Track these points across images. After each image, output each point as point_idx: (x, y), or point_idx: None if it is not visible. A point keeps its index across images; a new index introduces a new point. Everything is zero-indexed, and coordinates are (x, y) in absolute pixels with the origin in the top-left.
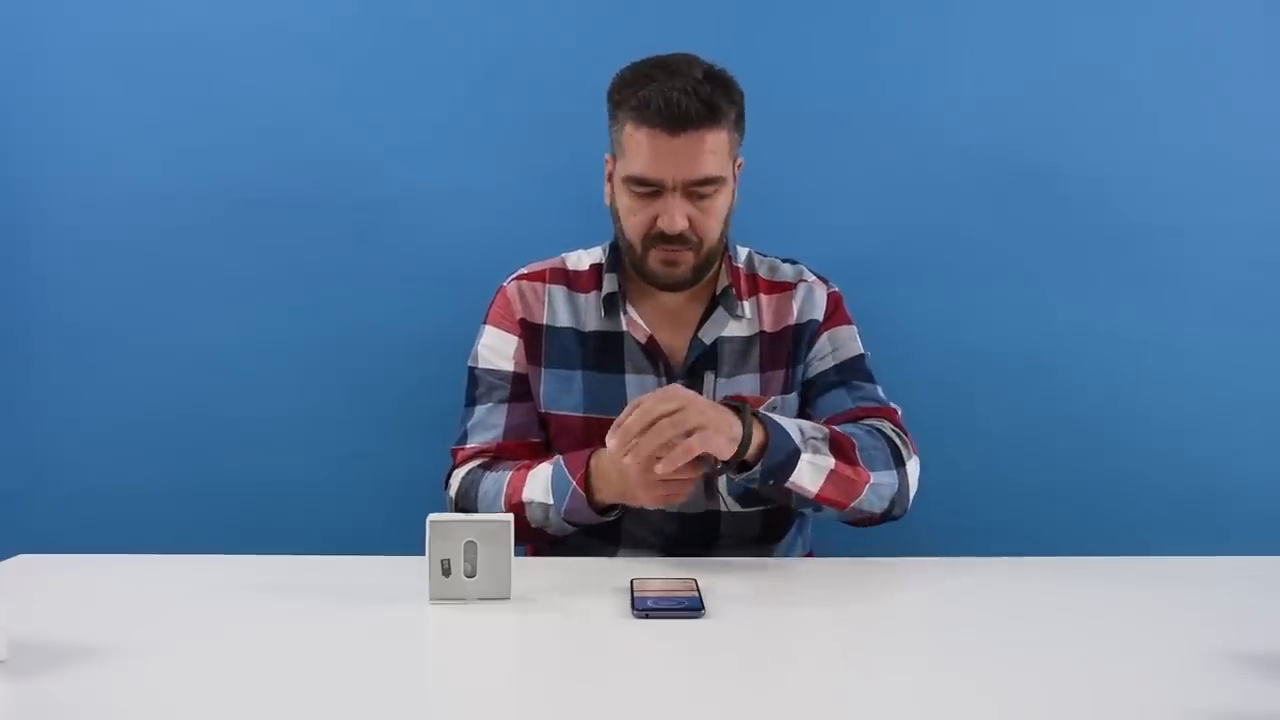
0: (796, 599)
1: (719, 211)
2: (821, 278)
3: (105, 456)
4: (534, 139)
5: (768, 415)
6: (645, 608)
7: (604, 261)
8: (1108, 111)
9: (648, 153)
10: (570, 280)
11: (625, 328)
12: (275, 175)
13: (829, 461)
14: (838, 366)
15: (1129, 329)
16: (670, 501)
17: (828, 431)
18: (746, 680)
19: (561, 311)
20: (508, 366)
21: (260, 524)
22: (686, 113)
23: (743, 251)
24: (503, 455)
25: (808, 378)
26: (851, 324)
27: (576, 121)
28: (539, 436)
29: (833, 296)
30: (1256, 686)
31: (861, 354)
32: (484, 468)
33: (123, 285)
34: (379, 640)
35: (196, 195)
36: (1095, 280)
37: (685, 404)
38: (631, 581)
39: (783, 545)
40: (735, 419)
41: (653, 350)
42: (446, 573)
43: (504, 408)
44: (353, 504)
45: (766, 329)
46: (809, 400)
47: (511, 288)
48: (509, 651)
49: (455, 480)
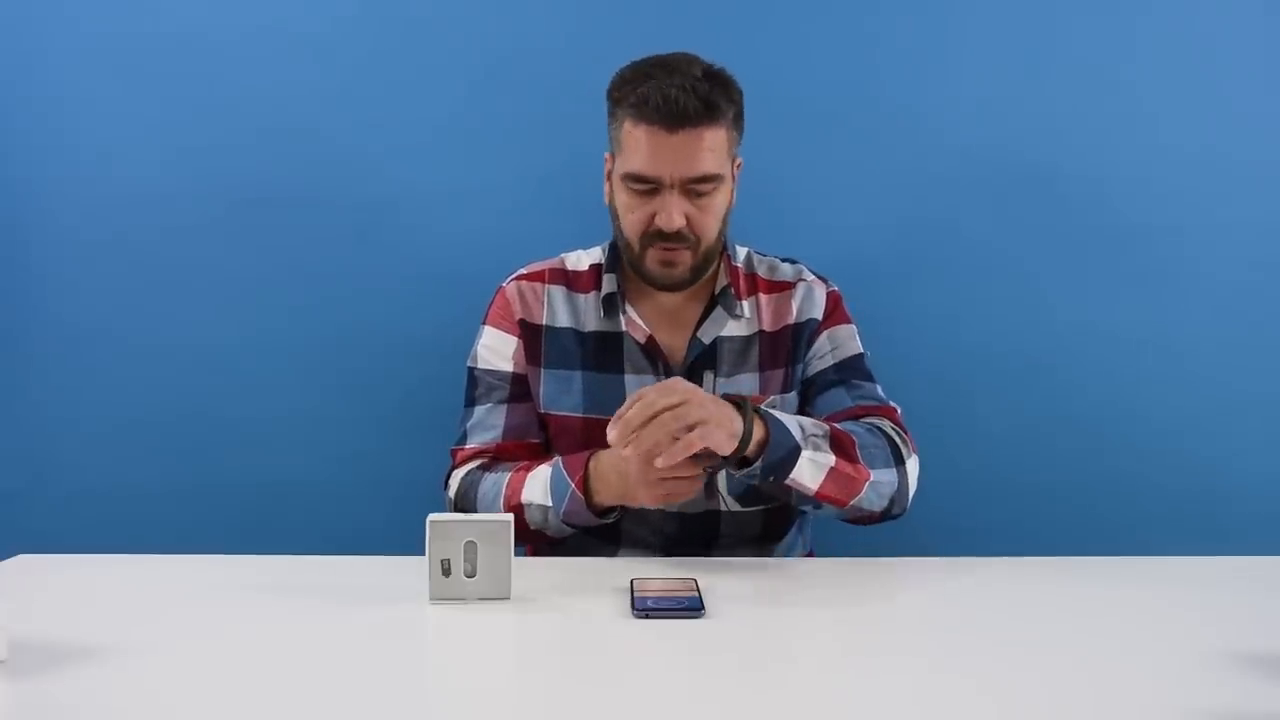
0: (796, 599)
1: (717, 210)
2: (821, 277)
3: (105, 456)
4: (534, 139)
5: (769, 411)
6: (645, 608)
7: (603, 262)
8: (1108, 111)
9: (646, 150)
10: (569, 280)
11: (624, 328)
12: (275, 175)
13: (829, 459)
14: (837, 365)
15: (1129, 329)
16: (671, 501)
17: (828, 429)
18: (746, 680)
19: (561, 312)
20: (507, 367)
21: (260, 524)
22: (685, 110)
23: (742, 251)
24: (502, 456)
25: (807, 376)
26: (851, 323)
27: (576, 121)
28: (538, 437)
29: (832, 296)
30: (1256, 686)
31: (861, 353)
32: (483, 469)
33: (123, 285)
34: (379, 640)
35: (196, 195)
36: (1095, 280)
37: (687, 398)
38: (631, 581)
39: (783, 545)
40: (736, 414)
41: (652, 350)
42: (446, 573)
43: (503, 408)
44: (353, 504)
45: (765, 328)
46: (808, 399)
47: (511, 288)
48: (509, 651)
49: (454, 481)
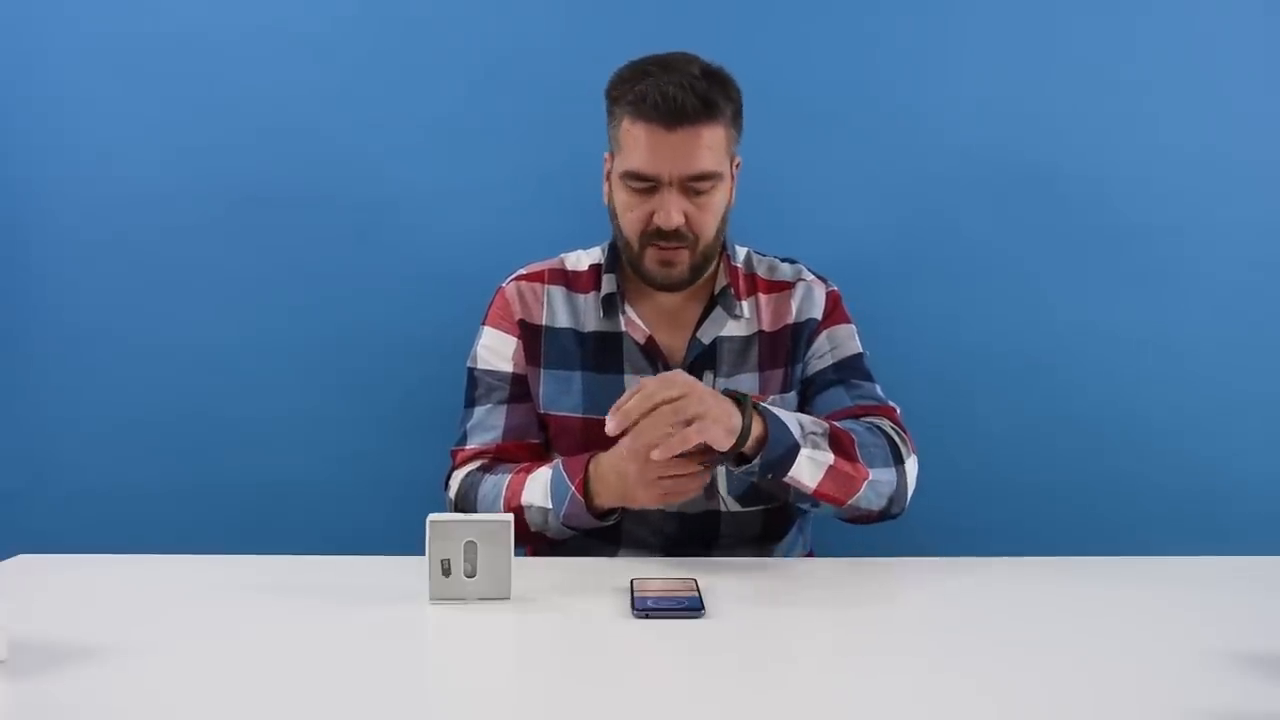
0: (796, 599)
1: (716, 208)
2: (820, 277)
3: (105, 456)
4: (533, 139)
5: (768, 408)
6: (645, 608)
7: (603, 262)
8: (1108, 111)
9: (644, 147)
10: (569, 281)
11: (624, 328)
12: (275, 175)
13: (828, 457)
14: (836, 365)
15: (1129, 329)
16: (670, 501)
17: (828, 427)
18: (746, 680)
19: (560, 312)
20: (506, 368)
21: (260, 524)
22: (683, 107)
23: (741, 251)
24: (502, 456)
25: (806, 376)
26: (850, 323)
27: (576, 122)
28: (538, 438)
29: (831, 295)
30: (1256, 686)
31: (860, 353)
32: (484, 469)
33: (123, 285)
34: (379, 640)
35: (196, 195)
36: (1095, 280)
37: (687, 391)
38: (631, 581)
39: (783, 545)
40: (735, 410)
41: (652, 350)
42: (446, 573)
43: (503, 409)
44: (353, 504)
45: (765, 328)
46: (807, 398)
47: (510, 289)
48: (509, 651)
49: (455, 482)
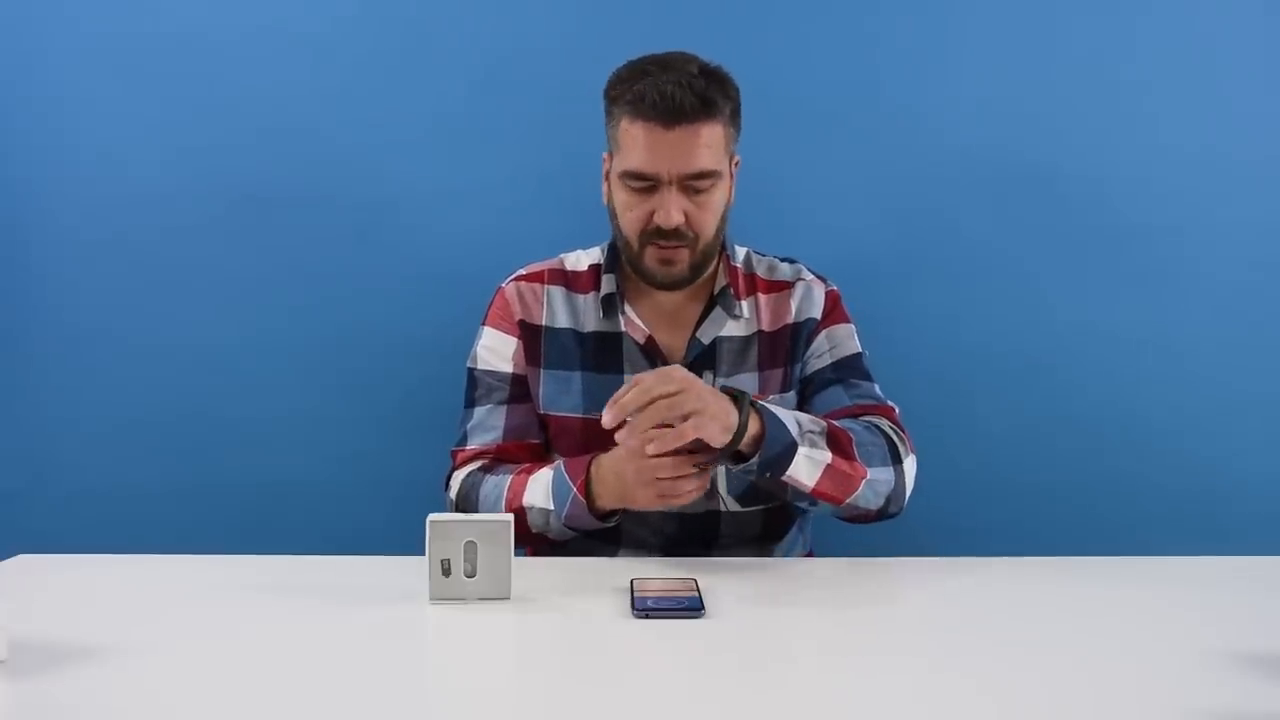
0: (796, 599)
1: (715, 207)
2: (820, 276)
3: (105, 456)
4: (533, 139)
5: (766, 407)
6: (645, 608)
7: (602, 262)
8: (1108, 111)
9: (643, 146)
10: (569, 281)
11: (624, 328)
12: (275, 175)
13: (826, 456)
14: (835, 364)
15: (1129, 329)
16: (667, 504)
17: (826, 425)
18: (746, 680)
19: (560, 312)
20: (507, 368)
21: (260, 524)
22: (681, 106)
23: (741, 251)
24: (503, 457)
25: (805, 375)
26: (849, 322)
27: (576, 122)
28: (539, 438)
29: (831, 295)
30: (1256, 686)
31: (859, 352)
32: (484, 470)
33: (123, 285)
34: (379, 640)
35: (196, 195)
36: (1095, 280)
37: (684, 387)
38: (631, 581)
39: (783, 545)
40: (732, 408)
41: (651, 351)
42: (446, 573)
43: (503, 409)
44: (353, 504)
45: (764, 328)
46: (806, 398)
47: (510, 289)
48: (509, 651)
49: (455, 482)
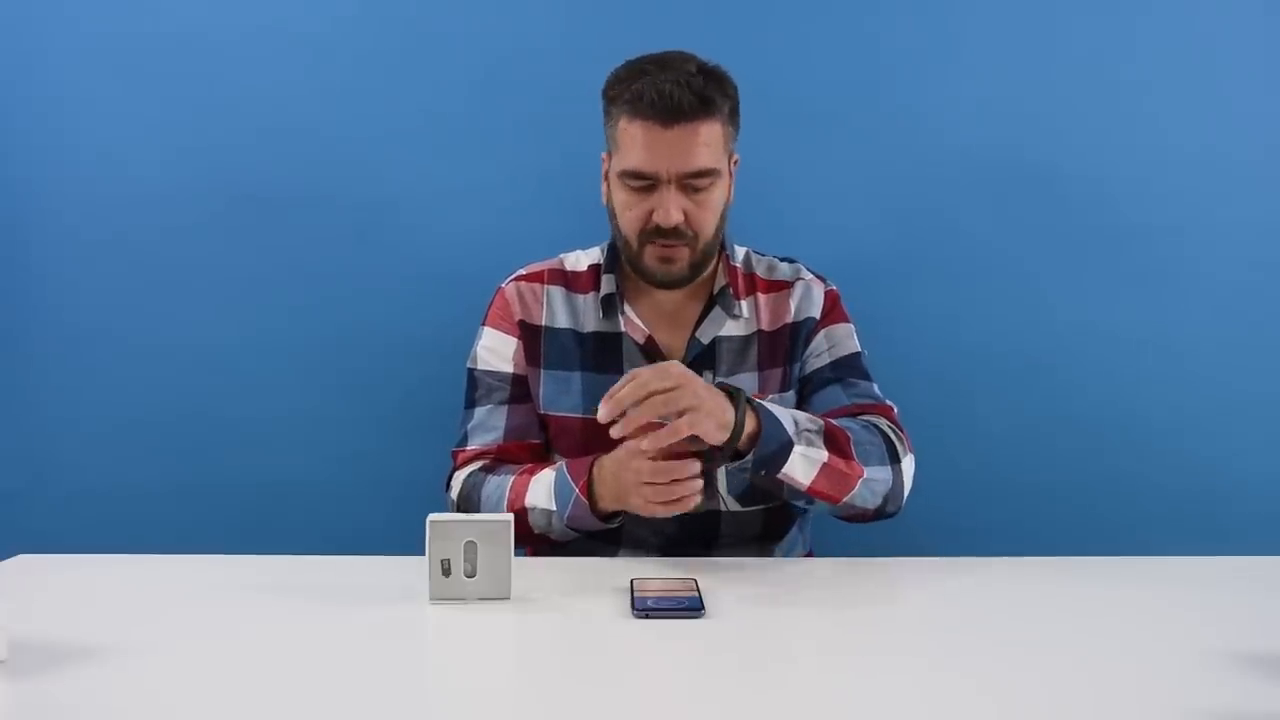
0: (796, 599)
1: (714, 205)
2: (819, 276)
3: (105, 456)
4: (533, 139)
5: (762, 405)
6: (645, 608)
7: (602, 262)
8: (1108, 111)
9: (642, 145)
10: (568, 281)
11: (623, 328)
12: (275, 175)
13: (822, 455)
14: (833, 363)
15: (1129, 329)
16: (665, 511)
17: (823, 424)
18: (746, 680)
19: (560, 312)
20: (507, 368)
21: (260, 524)
22: (679, 104)
23: (740, 251)
24: (503, 457)
25: (803, 374)
26: (849, 322)
27: (576, 122)
28: (539, 438)
29: (830, 294)
30: (1256, 686)
31: (858, 352)
32: (485, 470)
33: (123, 285)
34: (379, 640)
35: (196, 195)
36: (1095, 280)
37: (681, 383)
38: (631, 581)
39: (783, 545)
40: (729, 405)
41: (651, 350)
42: (446, 573)
43: (504, 409)
44: (353, 504)
45: (764, 328)
46: (804, 397)
47: (510, 289)
48: (509, 651)
49: (456, 483)
